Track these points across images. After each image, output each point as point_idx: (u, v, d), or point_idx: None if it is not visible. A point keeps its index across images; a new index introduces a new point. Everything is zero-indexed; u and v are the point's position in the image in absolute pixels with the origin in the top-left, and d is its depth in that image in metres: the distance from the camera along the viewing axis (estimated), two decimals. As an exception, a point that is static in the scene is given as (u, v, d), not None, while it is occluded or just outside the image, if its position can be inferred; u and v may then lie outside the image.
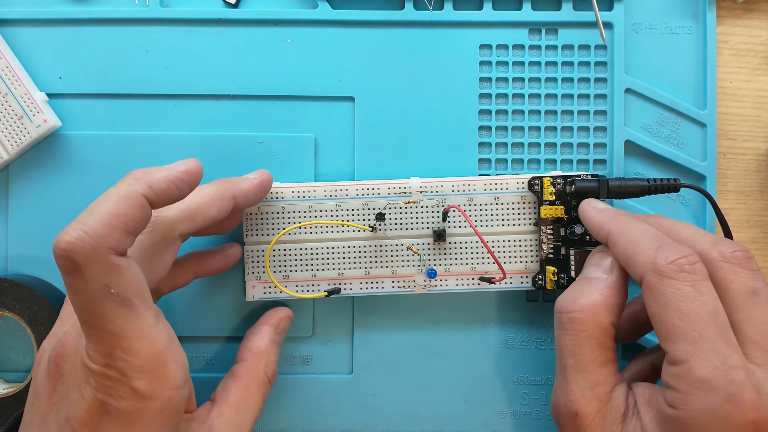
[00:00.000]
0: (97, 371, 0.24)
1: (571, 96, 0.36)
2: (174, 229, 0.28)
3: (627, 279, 0.29)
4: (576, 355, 0.27)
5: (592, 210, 0.31)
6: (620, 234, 0.28)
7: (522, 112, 0.36)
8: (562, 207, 0.33)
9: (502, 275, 0.32)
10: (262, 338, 0.32)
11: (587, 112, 0.36)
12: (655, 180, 0.33)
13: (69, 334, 0.26)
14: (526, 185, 0.33)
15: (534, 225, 0.34)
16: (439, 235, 0.33)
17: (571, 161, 0.36)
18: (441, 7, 0.35)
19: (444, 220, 0.33)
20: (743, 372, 0.23)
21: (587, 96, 0.36)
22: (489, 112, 0.36)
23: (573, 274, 0.33)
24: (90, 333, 0.24)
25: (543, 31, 0.36)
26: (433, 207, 0.34)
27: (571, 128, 0.36)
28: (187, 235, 0.28)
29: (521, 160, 0.36)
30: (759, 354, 0.25)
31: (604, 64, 0.36)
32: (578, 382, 0.27)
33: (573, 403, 0.27)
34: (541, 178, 0.33)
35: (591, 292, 0.28)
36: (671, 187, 0.33)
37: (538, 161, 0.36)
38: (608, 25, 0.36)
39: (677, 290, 0.25)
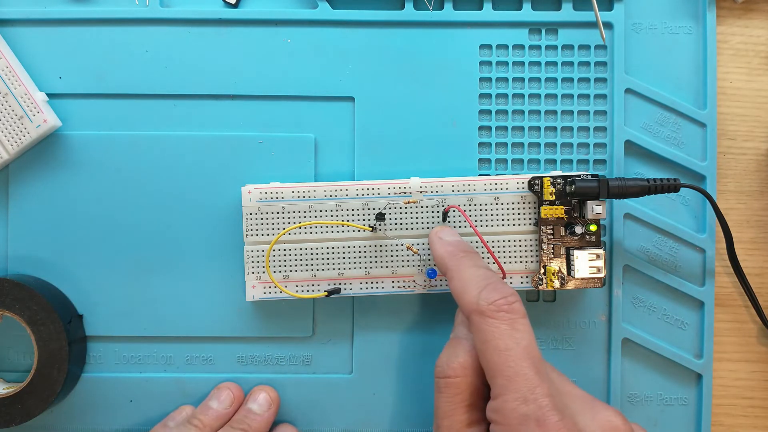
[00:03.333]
0: None
1: (571, 96, 0.36)
2: None
3: None
4: (449, 417, 0.28)
5: (438, 241, 0.32)
6: (455, 271, 0.30)
7: (522, 112, 0.36)
8: (562, 207, 0.33)
9: (502, 275, 0.32)
10: None
11: (587, 112, 0.36)
12: (655, 180, 0.33)
13: None
14: (526, 185, 0.33)
15: (534, 225, 0.34)
16: (439, 235, 0.33)
17: (571, 161, 0.36)
18: (441, 7, 0.35)
19: (444, 220, 0.33)
20: (548, 399, 0.25)
21: (587, 96, 0.36)
22: (489, 112, 0.36)
23: (573, 273, 0.33)
24: None
25: (543, 31, 0.36)
26: (433, 207, 0.34)
27: (571, 128, 0.36)
28: None
29: (521, 160, 0.36)
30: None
31: (604, 64, 0.36)
32: None
33: None
34: (541, 178, 0.33)
35: (461, 352, 0.29)
36: (671, 187, 0.33)
37: (538, 161, 0.36)
38: (608, 25, 0.36)
39: (495, 328, 0.27)
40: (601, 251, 0.33)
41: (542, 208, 0.33)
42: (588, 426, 0.26)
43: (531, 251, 0.34)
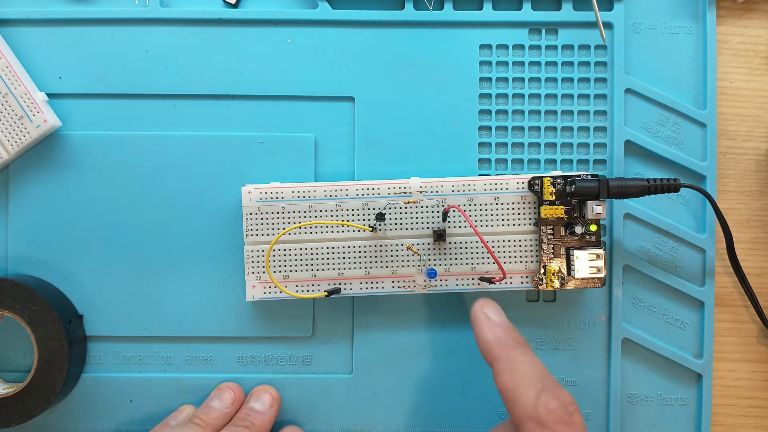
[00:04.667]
0: None
1: (571, 96, 0.36)
2: None
3: None
4: None
5: (485, 322, 0.29)
6: (506, 365, 0.27)
7: (522, 112, 0.36)
8: (562, 207, 0.33)
9: (502, 275, 0.32)
10: None
11: (587, 112, 0.36)
12: (655, 180, 0.33)
13: None
14: (526, 185, 0.33)
15: (534, 225, 0.34)
16: (439, 235, 0.33)
17: (571, 161, 0.36)
18: (441, 7, 0.35)
19: (444, 220, 0.33)
20: None
21: (587, 96, 0.36)
22: (489, 112, 0.36)
23: (573, 273, 0.33)
24: None
25: (543, 31, 0.36)
26: (433, 207, 0.34)
27: (571, 128, 0.36)
28: None
29: (521, 160, 0.36)
30: None
31: (604, 64, 0.36)
32: None
33: None
34: (541, 178, 0.33)
35: None
36: (671, 187, 0.33)
37: (538, 161, 0.36)
38: (608, 25, 0.36)
39: None
40: (601, 251, 0.33)
41: (542, 208, 0.33)
42: None
43: (531, 251, 0.34)
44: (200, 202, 0.35)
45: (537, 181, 0.33)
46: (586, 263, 0.33)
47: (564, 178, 0.33)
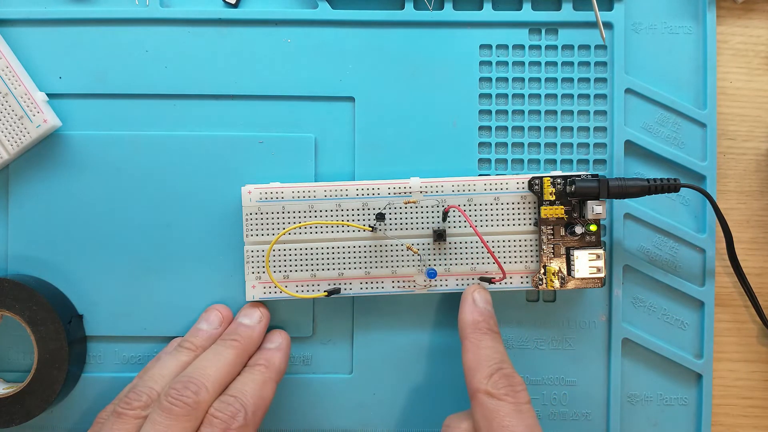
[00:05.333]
0: None
1: (571, 96, 0.36)
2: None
3: None
4: None
5: (470, 304, 0.32)
6: (472, 344, 0.31)
7: (522, 112, 0.36)
8: (562, 207, 0.33)
9: (502, 275, 0.32)
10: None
11: (587, 112, 0.36)
12: (655, 180, 0.33)
13: None
14: (526, 185, 0.33)
15: (534, 225, 0.34)
16: (439, 235, 0.33)
17: (571, 161, 0.36)
18: (441, 7, 0.35)
19: (444, 220, 0.33)
20: None
21: (587, 96, 0.36)
22: (489, 112, 0.36)
23: (573, 273, 0.33)
24: None
25: (543, 31, 0.36)
26: (433, 207, 0.34)
27: (571, 128, 0.36)
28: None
29: (521, 160, 0.36)
30: None
31: (604, 64, 0.36)
32: None
33: None
34: (541, 178, 0.33)
35: (465, 417, 0.30)
36: (671, 187, 0.33)
37: (538, 161, 0.36)
38: (608, 25, 0.36)
39: (501, 407, 0.28)
40: (601, 251, 0.33)
41: (542, 208, 0.33)
42: None
43: (531, 251, 0.34)
44: (200, 202, 0.35)
45: (537, 181, 0.33)
46: (586, 263, 0.33)
47: (564, 178, 0.33)
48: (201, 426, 0.29)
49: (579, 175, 0.33)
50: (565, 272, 0.33)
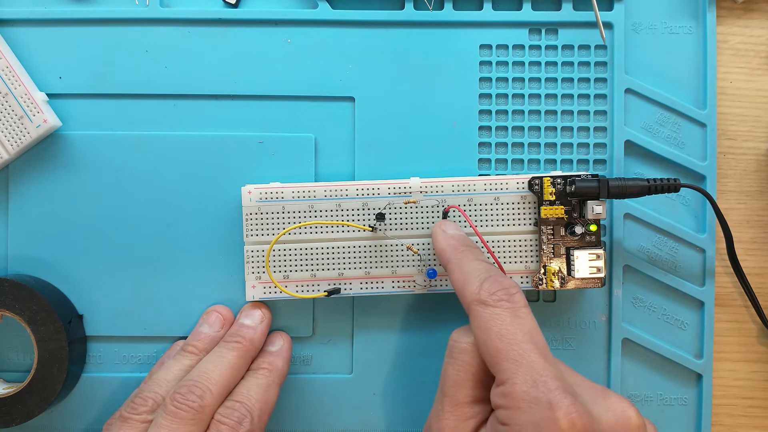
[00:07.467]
0: None
1: (571, 96, 0.36)
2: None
3: None
4: (458, 387, 0.28)
5: (441, 234, 0.32)
6: (456, 264, 0.30)
7: (522, 112, 0.36)
8: (562, 207, 0.33)
9: (502, 275, 0.32)
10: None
11: (587, 112, 0.36)
12: (655, 180, 0.33)
13: None
14: (526, 185, 0.33)
15: (534, 225, 0.34)
16: (439, 235, 0.33)
17: (571, 161, 0.36)
18: (441, 7, 0.35)
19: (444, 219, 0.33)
20: (559, 382, 0.25)
21: (587, 96, 0.36)
22: (489, 112, 0.36)
23: (573, 273, 0.33)
24: None
25: (543, 31, 0.36)
26: (433, 207, 0.34)
27: (571, 128, 0.36)
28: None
29: (521, 160, 0.36)
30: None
31: (604, 64, 0.36)
32: (454, 413, 0.28)
33: None
34: (541, 178, 0.33)
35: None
36: (671, 187, 0.33)
37: (538, 161, 0.36)
38: (608, 25, 0.36)
39: (497, 316, 0.27)
40: (601, 251, 0.33)
41: (542, 208, 0.33)
42: (601, 414, 0.26)
43: (531, 251, 0.34)
44: (200, 202, 0.35)
45: (537, 181, 0.33)
46: (586, 263, 0.33)
47: (564, 178, 0.33)
48: (207, 431, 0.29)
49: (579, 175, 0.33)
50: (565, 272, 0.33)
